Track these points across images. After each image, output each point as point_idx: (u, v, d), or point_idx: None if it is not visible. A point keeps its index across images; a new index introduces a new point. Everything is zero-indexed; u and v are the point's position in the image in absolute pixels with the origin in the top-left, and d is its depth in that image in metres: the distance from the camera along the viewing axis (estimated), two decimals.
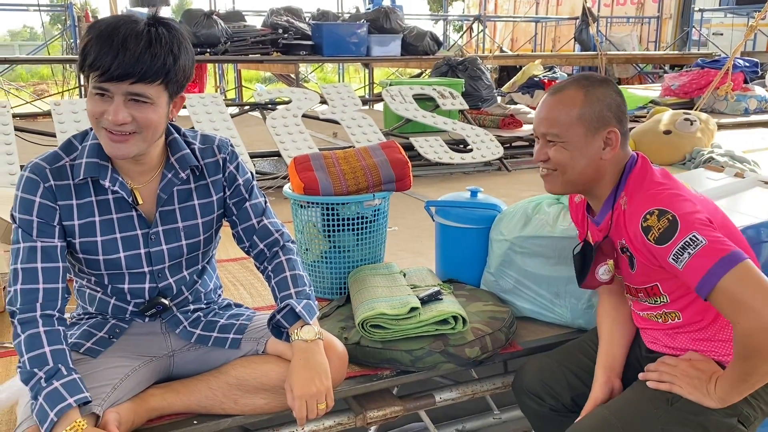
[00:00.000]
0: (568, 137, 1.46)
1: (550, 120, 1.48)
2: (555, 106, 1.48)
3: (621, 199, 1.47)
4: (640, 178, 1.47)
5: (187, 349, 1.60)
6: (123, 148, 1.37)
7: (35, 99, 9.99)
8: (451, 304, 1.83)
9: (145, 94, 1.33)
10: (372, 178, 2.20)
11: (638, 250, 1.42)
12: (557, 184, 1.52)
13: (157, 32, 1.33)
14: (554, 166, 1.49)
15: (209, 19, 6.91)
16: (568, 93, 1.47)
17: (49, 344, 1.35)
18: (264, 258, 1.62)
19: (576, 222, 1.71)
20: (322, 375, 1.44)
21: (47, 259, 1.40)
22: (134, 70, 1.30)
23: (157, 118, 1.37)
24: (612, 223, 1.50)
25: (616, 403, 1.46)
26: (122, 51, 1.28)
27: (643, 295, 1.52)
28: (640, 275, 1.48)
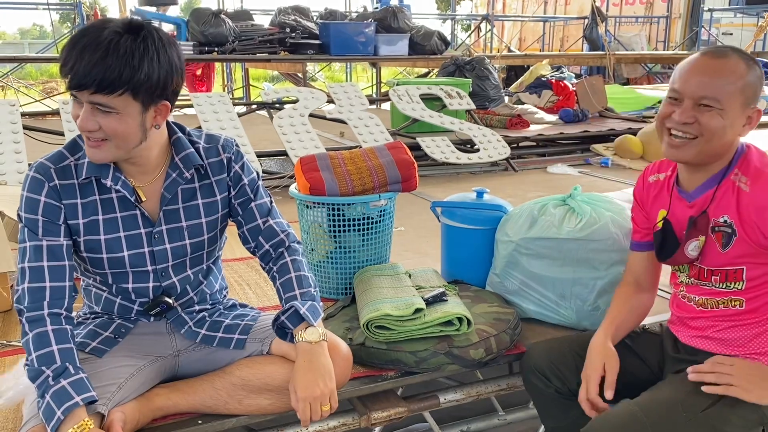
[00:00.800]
0: (727, 106, 1.41)
1: (713, 84, 1.41)
2: (719, 71, 1.41)
3: (734, 176, 1.45)
4: (762, 159, 1.46)
5: (192, 349, 1.60)
6: (97, 153, 1.38)
7: (44, 97, 10.05)
8: (456, 305, 1.82)
9: (106, 104, 1.32)
10: (378, 179, 2.20)
11: (751, 226, 1.41)
12: (692, 151, 1.45)
13: (118, 42, 1.29)
14: (701, 132, 1.42)
15: (217, 18, 6.91)
16: (732, 61, 1.42)
17: (56, 343, 1.36)
18: (269, 258, 1.62)
19: (644, 203, 1.66)
20: (326, 377, 1.44)
21: (53, 258, 1.41)
22: (86, 81, 1.28)
23: (124, 128, 1.35)
24: (714, 199, 1.47)
25: (647, 401, 1.44)
26: (79, 60, 1.28)
27: (719, 278, 1.50)
28: (731, 256, 1.46)
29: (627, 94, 7.77)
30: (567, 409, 1.66)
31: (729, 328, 1.51)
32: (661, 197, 1.61)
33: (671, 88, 1.47)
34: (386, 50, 7.53)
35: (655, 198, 1.62)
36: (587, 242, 1.91)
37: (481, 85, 6.35)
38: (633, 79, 11.72)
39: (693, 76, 1.43)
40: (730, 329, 1.51)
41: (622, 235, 1.93)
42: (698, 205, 1.51)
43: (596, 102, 6.53)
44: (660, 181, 1.62)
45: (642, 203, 1.67)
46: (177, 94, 1.44)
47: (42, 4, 9.24)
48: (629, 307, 1.67)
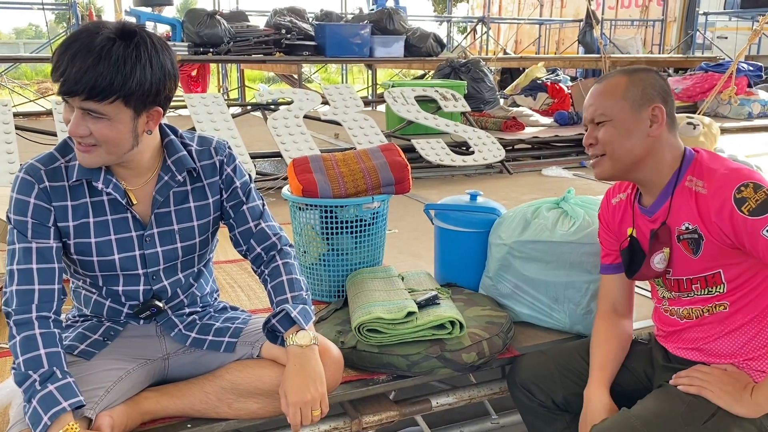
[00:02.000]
0: (614, 115, 1.48)
1: (597, 103, 1.51)
2: (601, 91, 1.52)
3: (688, 182, 1.46)
4: (714, 161, 1.46)
5: (182, 352, 1.59)
6: (88, 158, 1.37)
7: (38, 97, 10.01)
8: (449, 308, 1.81)
9: (97, 110, 1.30)
10: (371, 181, 2.19)
11: (714, 228, 1.41)
12: (606, 166, 1.52)
13: (110, 48, 1.27)
14: (603, 146, 1.49)
15: (212, 19, 6.90)
16: (614, 78, 1.52)
17: (44, 346, 1.34)
18: (261, 262, 1.61)
19: (610, 225, 1.67)
20: (317, 381, 1.43)
21: (42, 261, 1.40)
22: (77, 87, 1.27)
23: (115, 134, 1.34)
24: (671, 209, 1.48)
25: (647, 413, 1.43)
26: (70, 66, 1.26)
27: (699, 285, 1.50)
28: (704, 260, 1.46)
29: None
30: (551, 422, 1.68)
31: (719, 338, 1.50)
32: (626, 217, 1.62)
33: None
34: (382, 52, 7.53)
35: (622, 218, 1.63)
36: (580, 245, 1.91)
37: (477, 87, 6.36)
38: None
39: (586, 103, 1.55)
40: (719, 339, 1.50)
41: None
42: (659, 218, 1.51)
43: None
44: (623, 201, 1.63)
45: (608, 225, 1.67)
46: (170, 100, 1.42)
47: (37, 4, 9.20)
48: (614, 345, 1.63)
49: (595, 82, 1.58)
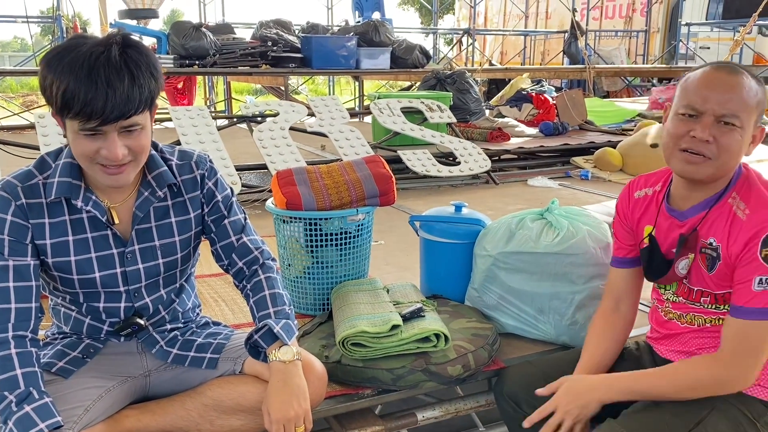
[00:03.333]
0: (746, 123, 1.37)
1: (734, 102, 1.35)
2: (738, 87, 1.36)
3: (731, 199, 1.41)
4: (763, 187, 1.41)
5: (164, 368, 1.56)
6: (122, 178, 1.37)
7: (23, 111, 9.93)
8: (434, 321, 1.81)
9: (137, 123, 1.32)
10: (355, 193, 2.19)
11: (730, 254, 1.38)
12: (709, 170, 1.39)
13: (133, 60, 1.29)
14: (718, 152, 1.37)
15: (198, 32, 6.90)
16: (746, 78, 1.37)
17: (20, 366, 1.32)
18: (243, 276, 1.59)
19: (628, 218, 1.61)
20: (300, 397, 1.41)
21: (19, 278, 1.37)
22: (128, 108, 1.27)
23: (147, 140, 1.38)
24: (706, 220, 1.43)
25: (632, 422, 1.42)
26: (111, 91, 1.25)
27: (708, 300, 1.48)
28: (717, 278, 1.44)
29: (607, 107, 7.85)
30: None
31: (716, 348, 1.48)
32: (648, 213, 1.57)
33: (686, 105, 1.40)
34: (368, 64, 7.56)
35: (643, 213, 1.58)
36: (565, 256, 1.91)
37: (462, 98, 6.38)
38: (613, 92, 11.85)
39: (712, 93, 1.37)
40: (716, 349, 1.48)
41: (600, 248, 1.93)
42: (690, 224, 1.47)
43: (576, 115, 6.58)
44: (648, 197, 1.58)
45: (625, 218, 1.63)
46: None
47: (21, 17, 9.15)
48: (604, 348, 1.62)
49: (719, 69, 1.39)
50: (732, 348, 1.39)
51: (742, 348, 1.37)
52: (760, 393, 1.44)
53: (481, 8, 16.13)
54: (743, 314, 1.37)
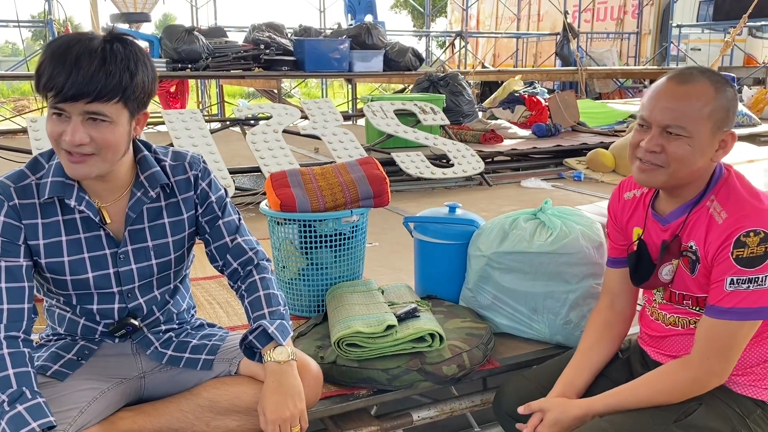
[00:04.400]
0: (695, 133, 1.36)
1: (678, 112, 1.36)
2: (685, 97, 1.37)
3: (709, 202, 1.42)
4: (744, 188, 1.41)
5: (159, 370, 1.56)
6: (82, 168, 1.34)
7: (15, 115, 9.89)
8: (428, 321, 1.81)
9: (102, 112, 1.30)
10: (349, 194, 2.19)
11: (708, 257, 1.40)
12: (660, 178, 1.41)
13: (112, 49, 1.30)
14: (668, 160, 1.39)
15: (190, 35, 6.88)
16: (699, 85, 1.37)
17: (13, 366, 1.31)
18: (238, 277, 1.59)
19: (619, 219, 1.63)
20: (295, 398, 1.41)
21: (12, 279, 1.37)
22: (88, 89, 1.27)
23: (116, 137, 1.34)
24: (686, 224, 1.45)
25: (617, 416, 1.43)
26: (75, 70, 1.25)
27: (691, 302, 1.49)
28: (700, 282, 1.45)
29: (599, 109, 7.88)
30: None
31: None
32: (637, 215, 1.58)
33: (639, 115, 1.44)
34: (361, 66, 7.56)
35: (632, 215, 1.59)
36: (558, 256, 1.91)
37: (455, 100, 6.39)
38: (605, 93, 11.90)
39: (659, 103, 1.39)
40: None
41: (593, 248, 1.94)
42: (672, 229, 1.49)
43: (568, 116, 6.61)
44: (636, 198, 1.59)
45: (616, 219, 1.64)
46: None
47: (12, 21, 9.12)
48: (597, 345, 1.62)
49: (673, 79, 1.40)
50: (701, 347, 1.41)
51: (711, 347, 1.39)
52: (750, 392, 1.45)
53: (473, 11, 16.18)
54: (714, 313, 1.39)
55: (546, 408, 1.49)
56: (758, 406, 1.44)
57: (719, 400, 1.43)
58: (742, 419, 1.42)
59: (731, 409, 1.43)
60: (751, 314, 1.35)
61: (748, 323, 1.36)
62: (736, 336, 1.37)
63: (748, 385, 1.45)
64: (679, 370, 1.43)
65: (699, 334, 1.42)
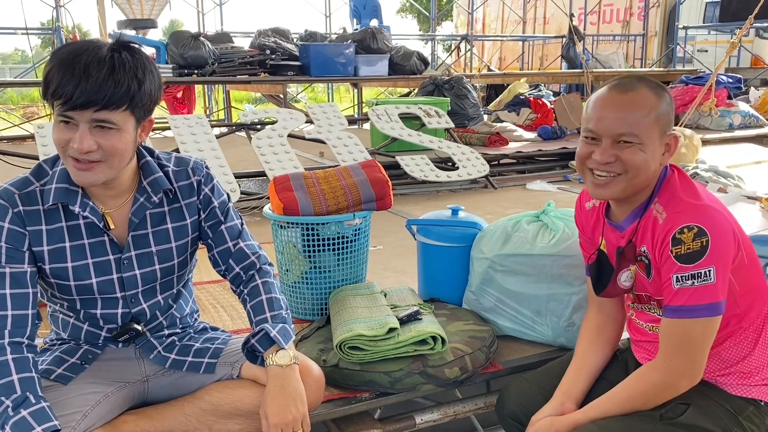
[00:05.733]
0: (645, 139, 1.38)
1: (628, 120, 1.38)
2: (631, 105, 1.38)
3: (654, 205, 1.43)
4: (683, 188, 1.43)
5: (162, 374, 1.57)
6: (89, 176, 1.36)
7: (23, 122, 9.97)
8: (430, 323, 1.81)
9: (110, 120, 1.32)
10: (352, 198, 2.20)
11: (655, 258, 1.41)
12: (618, 188, 1.43)
13: (120, 57, 1.32)
14: (625, 168, 1.40)
15: (196, 41, 6.93)
16: (641, 93, 1.39)
17: (17, 372, 1.32)
18: (240, 281, 1.60)
19: (585, 229, 1.65)
20: (297, 401, 1.42)
21: (16, 286, 1.38)
22: (97, 97, 1.28)
23: (123, 144, 1.36)
24: (638, 230, 1.46)
25: (606, 420, 1.43)
26: (85, 78, 1.27)
27: (656, 304, 1.50)
28: (655, 284, 1.45)
29: None
30: None
31: None
32: (598, 224, 1.60)
33: (585, 128, 1.44)
34: (366, 71, 7.58)
35: (594, 225, 1.61)
36: (561, 258, 1.91)
37: (460, 103, 6.40)
38: None
39: (607, 114, 1.40)
40: None
41: None
42: (627, 235, 1.50)
43: (574, 119, 6.60)
44: (595, 208, 1.61)
45: (584, 229, 1.66)
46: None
47: (21, 29, 9.20)
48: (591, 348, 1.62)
49: (613, 89, 1.42)
50: (663, 348, 1.41)
51: (670, 347, 1.39)
52: (740, 391, 1.45)
53: (479, 14, 16.18)
54: (667, 313, 1.39)
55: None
56: (750, 404, 1.44)
57: (711, 400, 1.43)
58: (734, 417, 1.41)
59: (722, 408, 1.42)
60: (701, 311, 1.34)
61: (701, 320, 1.35)
62: (692, 333, 1.36)
63: (737, 385, 1.46)
64: (647, 373, 1.44)
65: (660, 335, 1.43)
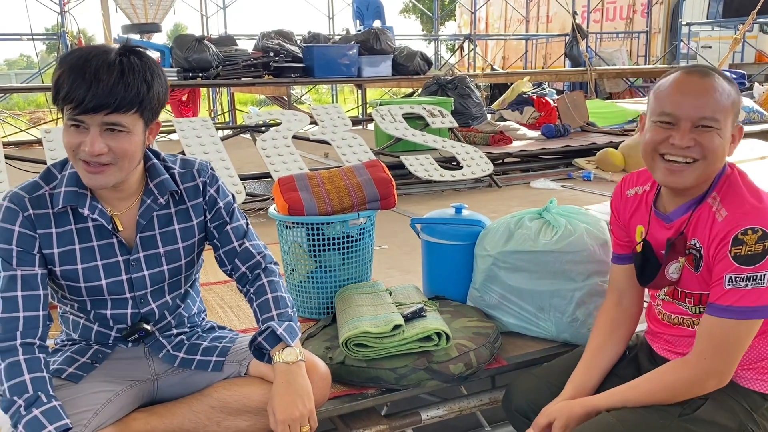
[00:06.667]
0: (723, 125, 1.38)
1: (710, 104, 1.37)
2: (711, 89, 1.37)
3: (711, 200, 1.43)
4: (746, 186, 1.42)
5: (171, 372, 1.60)
6: (100, 178, 1.39)
7: (30, 127, 10.04)
8: (435, 320, 1.83)
9: (120, 123, 1.35)
10: (356, 197, 2.22)
11: (709, 255, 1.40)
12: (693, 175, 1.41)
13: (129, 61, 1.35)
14: (703, 154, 1.38)
15: (200, 44, 6.97)
16: (717, 79, 1.39)
17: (29, 372, 1.35)
18: (246, 281, 1.63)
19: (621, 216, 1.63)
20: (304, 398, 1.44)
21: (27, 288, 1.41)
22: (108, 101, 1.32)
23: (133, 147, 1.39)
24: (690, 222, 1.45)
25: (623, 411, 1.44)
26: (95, 82, 1.30)
27: (693, 300, 1.49)
28: (703, 278, 1.45)
29: (608, 108, 7.85)
30: None
31: None
32: (639, 212, 1.58)
33: (661, 112, 1.42)
34: (370, 72, 7.61)
35: (634, 212, 1.60)
36: (563, 254, 1.93)
37: (464, 103, 6.41)
38: (615, 93, 11.85)
39: (687, 97, 1.38)
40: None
41: (598, 246, 1.95)
42: (676, 227, 1.49)
43: (577, 117, 6.60)
44: (638, 195, 1.59)
45: (619, 216, 1.65)
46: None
47: (26, 35, 9.27)
48: (606, 345, 1.62)
49: (692, 73, 1.41)
50: (700, 346, 1.41)
51: (710, 345, 1.39)
52: (757, 386, 1.46)
53: (482, 14, 16.18)
54: (713, 311, 1.39)
55: (551, 416, 1.50)
56: (766, 400, 1.45)
57: (726, 395, 1.43)
58: (748, 414, 1.42)
59: (738, 403, 1.43)
60: (749, 313, 1.35)
61: (746, 322, 1.36)
62: (735, 335, 1.37)
63: (755, 380, 1.46)
64: (677, 369, 1.44)
65: (699, 333, 1.43)
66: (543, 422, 1.50)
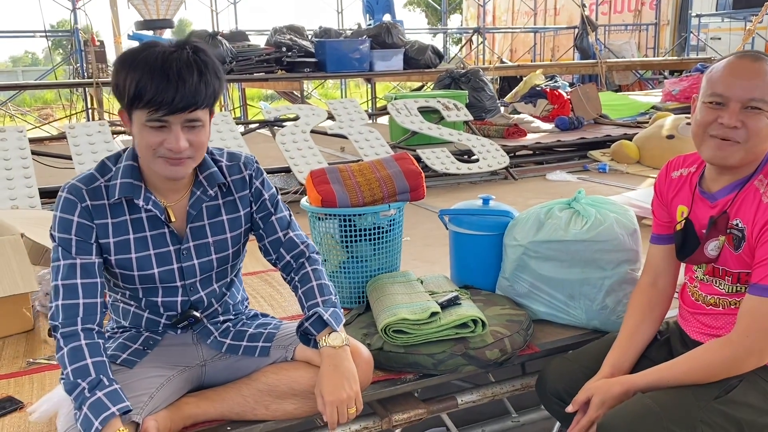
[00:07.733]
0: None
1: (760, 86, 1.42)
2: (762, 72, 1.43)
3: (758, 182, 1.47)
4: None
5: (218, 358, 1.65)
6: (181, 170, 1.46)
7: (43, 123, 10.12)
8: (470, 308, 1.88)
9: (199, 118, 1.42)
10: (387, 189, 2.27)
11: (753, 236, 1.44)
12: (739, 154, 1.46)
13: (202, 59, 1.41)
14: (748, 135, 1.44)
15: (214, 40, 7.02)
16: (765, 63, 1.44)
17: (90, 356, 1.41)
18: (290, 269, 1.68)
19: (664, 196, 1.68)
20: (351, 380, 1.50)
21: (86, 275, 1.47)
22: (196, 100, 1.38)
23: (206, 138, 1.48)
24: (735, 202, 1.49)
25: (659, 393, 1.47)
26: (181, 84, 1.36)
27: (731, 279, 1.53)
28: (744, 259, 1.49)
29: (620, 101, 7.88)
30: None
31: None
32: (683, 193, 1.63)
33: (712, 93, 1.47)
34: (381, 66, 7.65)
35: (677, 193, 1.64)
36: (593, 243, 1.98)
37: (477, 96, 6.45)
38: (625, 85, 11.85)
39: (738, 79, 1.44)
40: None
41: (627, 235, 2.00)
42: (720, 206, 1.53)
43: (591, 109, 6.62)
44: (683, 177, 1.64)
45: (662, 197, 1.69)
46: None
47: (39, 32, 9.34)
48: (643, 325, 1.66)
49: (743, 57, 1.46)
50: (743, 325, 1.44)
51: (752, 325, 1.43)
52: None
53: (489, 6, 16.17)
54: (757, 291, 1.43)
55: (590, 392, 1.55)
56: None
57: (759, 377, 1.47)
58: None
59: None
60: None
61: None
62: None
63: None
64: (717, 348, 1.48)
65: (741, 312, 1.46)
66: (582, 398, 1.55)
